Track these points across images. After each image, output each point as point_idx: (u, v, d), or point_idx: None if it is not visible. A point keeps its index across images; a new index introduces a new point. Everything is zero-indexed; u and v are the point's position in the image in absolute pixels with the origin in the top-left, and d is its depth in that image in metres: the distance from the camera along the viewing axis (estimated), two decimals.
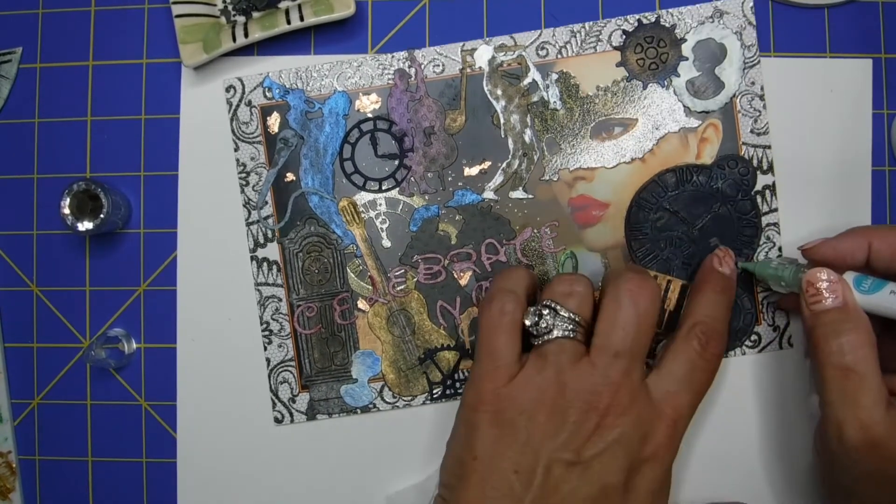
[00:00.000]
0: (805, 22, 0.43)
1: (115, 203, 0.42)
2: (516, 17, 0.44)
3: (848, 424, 0.33)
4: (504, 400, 0.35)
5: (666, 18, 0.43)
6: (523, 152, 0.43)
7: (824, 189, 0.43)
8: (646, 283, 0.36)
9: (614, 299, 0.36)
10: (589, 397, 0.34)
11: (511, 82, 0.43)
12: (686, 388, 0.36)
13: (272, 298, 0.44)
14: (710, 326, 0.37)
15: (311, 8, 0.42)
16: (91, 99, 0.44)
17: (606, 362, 0.35)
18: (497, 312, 0.36)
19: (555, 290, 0.36)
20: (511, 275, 0.38)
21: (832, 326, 0.34)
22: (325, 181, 0.43)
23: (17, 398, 0.45)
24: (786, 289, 0.39)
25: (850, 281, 0.36)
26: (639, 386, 0.35)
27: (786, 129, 0.43)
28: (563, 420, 0.34)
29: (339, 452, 0.43)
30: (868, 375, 0.33)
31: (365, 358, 0.43)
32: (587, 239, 0.43)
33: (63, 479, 0.45)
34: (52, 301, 0.45)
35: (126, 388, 0.44)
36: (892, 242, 0.36)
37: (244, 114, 0.43)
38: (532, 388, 0.35)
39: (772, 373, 0.43)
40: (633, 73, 0.43)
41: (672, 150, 0.43)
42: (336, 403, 0.43)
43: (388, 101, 0.43)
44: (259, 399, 0.44)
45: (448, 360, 0.43)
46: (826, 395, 0.34)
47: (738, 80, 0.42)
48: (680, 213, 0.43)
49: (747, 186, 0.42)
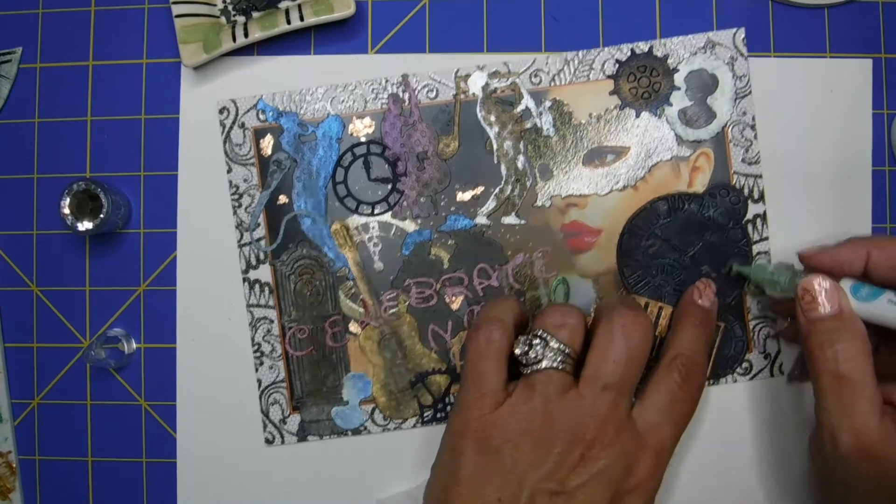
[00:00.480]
0: (805, 22, 0.43)
1: (115, 203, 0.42)
2: (516, 18, 0.44)
3: (842, 432, 0.33)
4: (489, 427, 0.35)
5: (658, 48, 0.43)
6: (516, 178, 0.43)
7: (824, 189, 0.43)
8: (639, 319, 0.36)
9: (607, 332, 0.36)
10: (575, 428, 0.34)
11: (504, 109, 0.43)
12: (668, 419, 0.36)
13: (264, 320, 0.44)
14: (690, 359, 0.37)
15: (311, 8, 0.42)
16: (91, 99, 0.45)
17: (594, 394, 0.35)
18: (484, 340, 0.36)
19: (546, 320, 0.36)
20: (499, 304, 0.38)
21: (828, 334, 0.35)
22: (317, 204, 0.43)
23: (17, 398, 0.45)
24: (781, 294, 0.39)
25: (846, 288, 0.36)
26: (625, 418, 0.35)
27: (786, 129, 0.43)
28: (548, 450, 0.34)
29: (332, 464, 0.43)
30: (863, 384, 0.33)
31: (356, 380, 0.43)
32: (579, 265, 0.43)
33: (63, 479, 0.45)
34: (52, 301, 0.45)
35: (126, 388, 0.44)
36: (891, 253, 0.36)
37: (237, 136, 0.44)
38: (518, 416, 0.35)
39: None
40: (626, 101, 0.43)
41: (664, 178, 0.43)
42: (327, 425, 0.43)
43: (382, 126, 0.43)
44: (258, 400, 0.44)
45: (439, 384, 0.43)
46: (821, 402, 0.34)
47: (729, 109, 0.43)
48: (671, 241, 0.43)
49: (738, 215, 0.43)
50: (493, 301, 0.39)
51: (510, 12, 0.44)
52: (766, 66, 0.43)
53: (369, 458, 0.43)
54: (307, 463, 0.44)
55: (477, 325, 0.37)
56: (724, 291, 0.43)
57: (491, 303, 0.39)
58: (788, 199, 0.43)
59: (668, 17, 0.43)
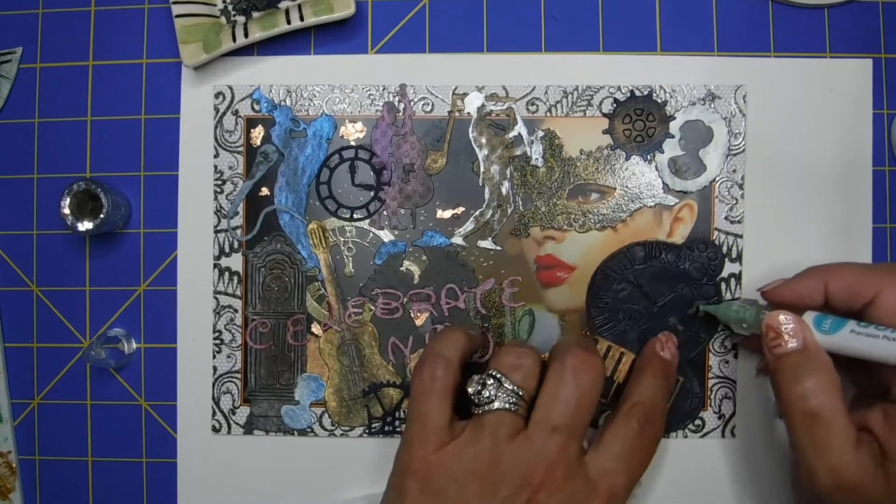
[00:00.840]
0: (805, 22, 0.43)
1: (115, 203, 0.42)
2: (516, 18, 0.44)
3: (819, 470, 0.33)
4: (434, 468, 0.34)
5: (658, 94, 0.43)
6: (498, 203, 0.43)
7: (824, 189, 0.43)
8: (590, 360, 0.36)
9: (558, 374, 0.35)
10: (523, 472, 0.34)
11: (497, 132, 0.43)
12: (623, 466, 0.36)
13: (228, 308, 0.44)
14: (650, 408, 0.37)
15: (311, 8, 0.42)
16: (91, 99, 0.45)
17: (543, 437, 0.34)
18: (428, 377, 0.36)
19: (502, 360, 0.36)
20: (446, 338, 0.38)
21: (794, 370, 0.34)
22: (298, 201, 0.43)
23: (17, 398, 0.45)
24: (748, 331, 0.39)
25: (809, 322, 0.35)
26: (575, 462, 0.35)
27: (786, 129, 0.43)
28: (493, 493, 0.34)
29: (335, 466, 0.44)
30: (834, 419, 0.33)
31: (310, 382, 0.43)
32: (548, 299, 0.43)
33: (63, 479, 0.45)
34: (52, 301, 0.45)
35: (126, 388, 0.44)
36: (847, 281, 0.35)
37: (229, 122, 0.44)
38: (465, 457, 0.34)
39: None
40: (619, 142, 0.43)
41: (645, 224, 0.43)
42: (275, 422, 0.43)
43: (373, 133, 0.43)
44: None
45: (392, 397, 0.43)
46: (794, 440, 0.34)
47: (720, 165, 0.43)
48: (643, 288, 0.43)
49: (713, 272, 0.42)
50: (442, 333, 0.39)
51: (510, 13, 0.44)
52: (766, 66, 0.43)
53: (372, 461, 0.43)
54: (308, 463, 0.43)
55: (422, 360, 0.37)
56: (687, 346, 0.42)
57: (439, 335, 0.39)
58: (789, 199, 0.43)
59: (668, 17, 0.43)
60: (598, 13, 0.44)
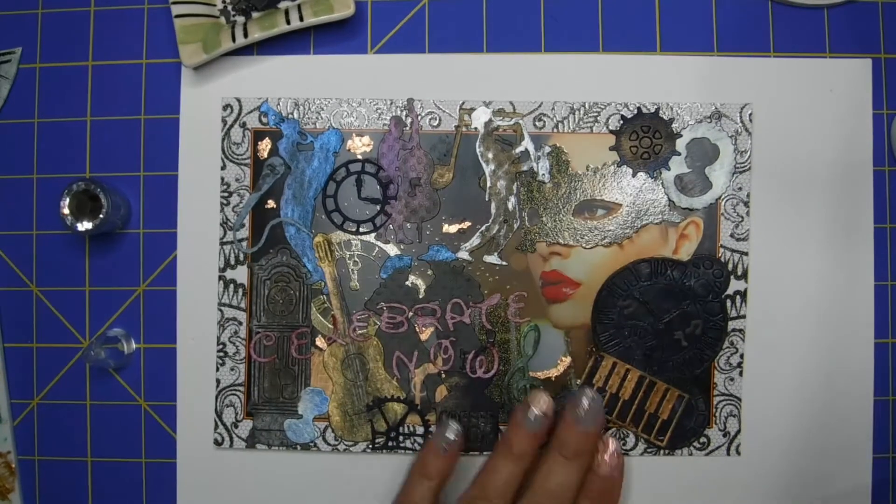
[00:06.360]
0: (805, 22, 0.43)
1: (115, 203, 0.42)
2: (516, 18, 0.44)
3: None
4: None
5: (665, 111, 0.43)
6: (504, 218, 0.43)
7: (825, 190, 0.43)
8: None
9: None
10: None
11: (504, 148, 0.43)
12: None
13: (233, 321, 0.43)
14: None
15: (311, 8, 0.42)
16: (91, 99, 0.45)
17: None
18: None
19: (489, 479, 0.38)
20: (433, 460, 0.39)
21: None
22: (304, 214, 0.43)
23: (17, 398, 0.45)
24: None
25: None
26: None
27: (787, 129, 0.43)
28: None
29: (337, 471, 0.44)
30: None
31: (314, 395, 0.43)
32: (553, 315, 0.43)
33: (62, 479, 0.44)
34: (51, 301, 0.44)
35: (126, 388, 0.44)
36: None
37: (237, 134, 0.44)
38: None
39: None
40: (625, 159, 0.43)
41: (651, 240, 0.43)
42: (277, 436, 0.43)
43: (380, 146, 0.43)
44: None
45: (396, 412, 0.43)
46: None
47: (726, 182, 0.43)
48: (649, 305, 0.43)
49: (719, 289, 0.42)
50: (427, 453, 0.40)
51: (510, 12, 0.44)
52: (766, 66, 0.43)
53: (376, 477, 0.43)
54: (311, 478, 0.43)
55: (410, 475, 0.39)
56: (692, 363, 0.42)
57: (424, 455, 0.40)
58: (792, 210, 0.43)
59: (668, 17, 0.44)
60: (598, 13, 0.44)
